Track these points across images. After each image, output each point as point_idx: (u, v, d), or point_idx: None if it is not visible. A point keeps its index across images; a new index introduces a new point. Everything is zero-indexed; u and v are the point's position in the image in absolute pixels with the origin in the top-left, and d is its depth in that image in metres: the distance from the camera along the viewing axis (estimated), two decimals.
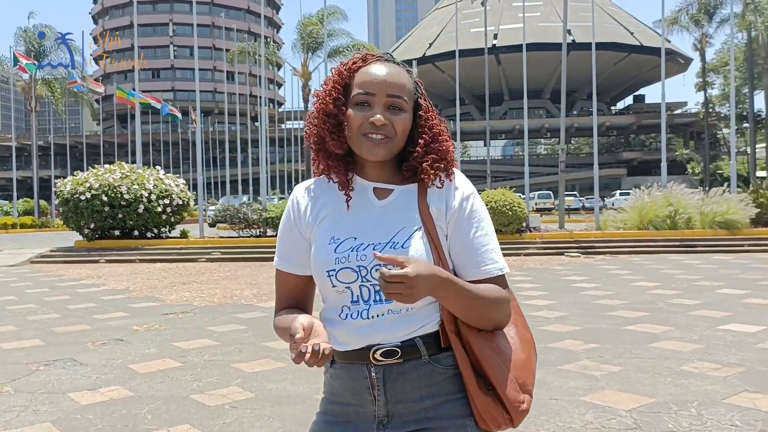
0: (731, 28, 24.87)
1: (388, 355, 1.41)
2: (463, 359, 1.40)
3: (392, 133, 1.41)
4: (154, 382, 4.94)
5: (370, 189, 1.48)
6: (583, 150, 78.44)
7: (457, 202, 1.46)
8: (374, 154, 1.41)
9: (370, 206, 1.46)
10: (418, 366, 1.41)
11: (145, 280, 11.80)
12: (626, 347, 5.71)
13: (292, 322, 1.35)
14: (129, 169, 17.99)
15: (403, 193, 1.46)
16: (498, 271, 1.45)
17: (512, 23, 60.56)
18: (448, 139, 1.50)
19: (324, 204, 1.50)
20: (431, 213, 1.44)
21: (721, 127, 57.77)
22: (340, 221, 1.46)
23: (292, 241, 1.52)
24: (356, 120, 1.41)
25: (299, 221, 1.51)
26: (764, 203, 18.11)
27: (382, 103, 1.41)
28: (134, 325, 7.37)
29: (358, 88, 1.42)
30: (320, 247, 1.45)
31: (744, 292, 8.94)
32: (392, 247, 1.39)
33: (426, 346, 1.41)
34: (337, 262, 1.41)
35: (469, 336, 1.40)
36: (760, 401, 4.13)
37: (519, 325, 1.51)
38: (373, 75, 1.43)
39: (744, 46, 40.05)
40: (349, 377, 1.45)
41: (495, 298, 1.41)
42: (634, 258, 14.57)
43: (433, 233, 1.42)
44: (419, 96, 1.49)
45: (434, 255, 1.40)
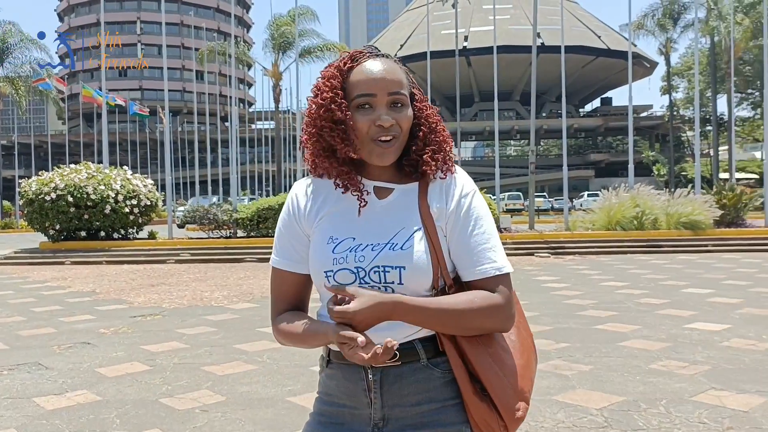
0: (695, 33, 25.38)
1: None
2: (457, 364, 1.37)
3: (399, 131, 1.38)
4: (123, 386, 4.86)
5: (370, 188, 1.44)
6: (552, 151, 79.34)
7: (455, 201, 1.42)
8: (386, 159, 1.38)
9: (371, 206, 1.42)
10: (416, 370, 1.38)
11: (112, 282, 11.60)
12: (596, 346, 5.78)
13: (328, 328, 1.32)
14: (95, 169, 17.68)
15: (404, 193, 1.43)
16: (495, 271, 1.39)
17: (482, 25, 61.03)
18: (445, 129, 1.47)
19: (324, 202, 1.46)
20: (432, 213, 1.40)
21: (685, 129, 58.93)
22: (340, 221, 1.42)
23: (292, 238, 1.48)
24: (363, 125, 1.36)
25: (299, 218, 1.47)
26: (727, 204, 18.52)
27: (384, 102, 1.37)
28: (101, 328, 7.23)
29: (357, 91, 1.37)
30: (319, 246, 1.42)
31: (708, 291, 9.12)
32: (391, 249, 1.36)
33: (425, 349, 1.38)
34: (335, 263, 1.38)
35: (462, 341, 1.37)
36: (727, 399, 4.21)
37: (521, 329, 1.47)
38: (370, 75, 1.38)
39: (707, 51, 40.94)
40: (345, 378, 1.42)
41: (479, 307, 1.34)
42: (602, 258, 14.78)
43: (432, 234, 1.38)
44: (412, 86, 1.45)
45: (433, 257, 1.37)
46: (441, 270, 1.38)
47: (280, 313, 1.49)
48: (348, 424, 1.43)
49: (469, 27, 63.33)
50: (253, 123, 68.84)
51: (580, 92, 74.38)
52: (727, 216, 18.47)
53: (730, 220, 18.59)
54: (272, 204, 17.92)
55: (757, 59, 40.35)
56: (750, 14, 34.12)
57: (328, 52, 36.79)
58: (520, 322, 1.47)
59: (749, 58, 43.51)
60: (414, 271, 1.35)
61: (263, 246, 16.46)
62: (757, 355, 5.37)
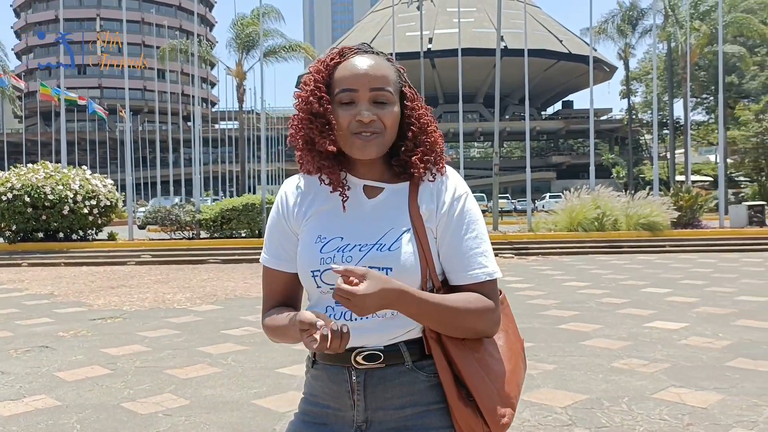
0: (653, 39, 25.96)
1: (371, 359, 1.36)
2: (443, 368, 1.35)
3: (381, 128, 1.35)
4: (83, 390, 4.75)
5: (360, 187, 1.42)
6: (514, 153, 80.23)
7: (447, 203, 1.39)
8: (366, 152, 1.35)
9: (360, 205, 1.41)
10: (400, 372, 1.36)
11: (70, 284, 11.34)
12: (560, 345, 5.87)
13: (294, 317, 1.30)
14: (53, 168, 17.27)
15: (394, 193, 1.41)
16: (486, 276, 1.37)
17: (447, 28, 61.43)
18: (437, 130, 1.44)
19: (313, 200, 1.45)
20: (422, 214, 1.38)
21: (643, 133, 60.21)
22: (328, 220, 1.41)
23: (282, 237, 1.46)
24: (344, 119, 1.35)
25: (288, 217, 1.46)
26: (684, 206, 19.01)
27: (366, 98, 1.35)
28: (60, 331, 7.07)
29: (340, 86, 1.36)
30: (306, 245, 1.40)
31: (667, 290, 9.33)
32: (378, 249, 1.34)
33: (410, 351, 1.36)
34: (322, 263, 1.36)
35: (449, 344, 1.35)
36: (686, 396, 4.31)
37: (510, 333, 1.46)
38: (353, 70, 1.36)
39: (665, 57, 41.89)
40: (329, 379, 1.41)
41: (475, 308, 1.34)
42: (564, 258, 15.00)
43: (422, 235, 1.36)
44: (403, 84, 1.42)
45: (422, 259, 1.35)
46: (429, 272, 1.37)
47: (269, 311, 1.48)
48: (331, 425, 1.42)
49: (434, 29, 63.67)
50: (217, 123, 68.04)
51: (542, 95, 75.44)
52: (684, 217, 18.95)
53: (686, 221, 19.08)
54: (236, 205, 17.74)
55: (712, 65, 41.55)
56: (705, 21, 35.04)
57: (293, 53, 36.60)
58: (509, 326, 1.46)
59: (704, 64, 44.73)
60: (401, 272, 1.33)
61: (227, 247, 16.28)
62: (714, 352, 5.51)
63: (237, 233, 17.85)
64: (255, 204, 17.75)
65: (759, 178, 33.79)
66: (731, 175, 39.50)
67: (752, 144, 32.41)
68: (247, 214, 17.56)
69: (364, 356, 1.36)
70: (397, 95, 1.40)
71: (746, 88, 45.60)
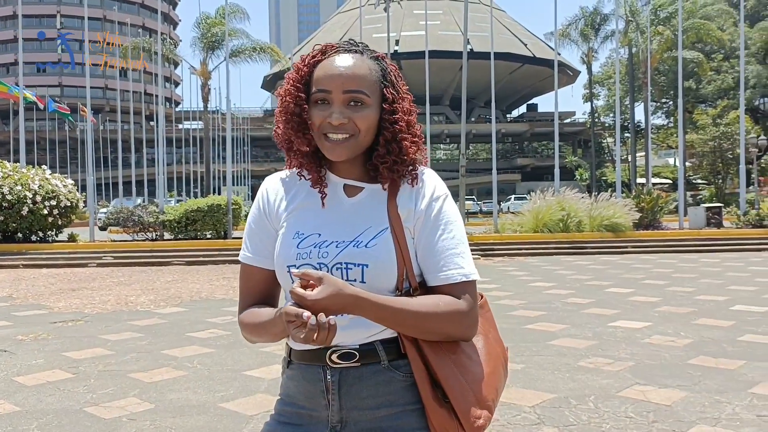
0: (615, 44, 26.46)
1: (346, 358, 1.34)
2: (418, 368, 1.33)
3: (355, 130, 1.33)
4: (43, 395, 4.63)
5: (340, 186, 1.42)
6: (480, 155, 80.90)
7: (425, 204, 1.39)
8: (336, 154, 1.35)
9: (339, 204, 1.40)
10: (376, 372, 1.34)
11: (30, 287, 11.06)
12: (527, 345, 5.92)
13: (276, 311, 1.30)
14: (12, 168, 16.82)
15: (373, 192, 1.41)
16: (462, 277, 1.35)
17: (413, 30, 61.67)
18: (413, 137, 1.41)
19: (293, 197, 1.44)
20: (400, 214, 1.37)
21: (605, 136, 61.31)
22: (307, 216, 1.40)
23: (261, 234, 1.45)
24: (317, 119, 1.34)
25: (269, 213, 1.45)
26: (645, 208, 19.39)
27: (339, 100, 1.33)
28: (19, 334, 6.88)
29: (315, 86, 1.35)
30: (284, 241, 1.39)
31: (629, 290, 9.50)
32: (355, 246, 1.34)
33: (386, 350, 1.34)
34: (298, 258, 1.35)
35: (424, 345, 1.33)
36: (650, 393, 4.39)
37: (490, 337, 1.43)
38: (329, 70, 1.34)
39: (626, 61, 42.71)
40: (304, 379, 1.39)
41: (444, 312, 1.31)
42: (530, 259, 15.17)
43: (400, 234, 1.35)
44: (386, 84, 1.39)
45: (399, 258, 1.34)
46: (407, 271, 1.35)
47: (246, 309, 1.45)
48: (306, 426, 1.40)
49: (400, 31, 63.85)
50: (181, 123, 67.11)
51: (508, 98, 76.21)
52: (645, 219, 19.34)
53: (647, 222, 19.48)
54: (201, 205, 17.52)
55: (671, 70, 42.52)
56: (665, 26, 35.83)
57: (262, 54, 36.32)
58: (489, 330, 1.44)
59: (664, 69, 45.71)
60: (377, 269, 1.32)
61: (192, 249, 16.06)
62: (676, 351, 5.63)
63: (202, 234, 17.62)
64: (220, 205, 17.56)
65: (716, 180, 34.68)
66: (689, 177, 40.47)
67: (710, 147, 33.23)
68: (212, 215, 17.36)
69: (339, 355, 1.35)
70: (377, 97, 1.38)
71: (703, 93, 46.78)
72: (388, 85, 1.40)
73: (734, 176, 33.52)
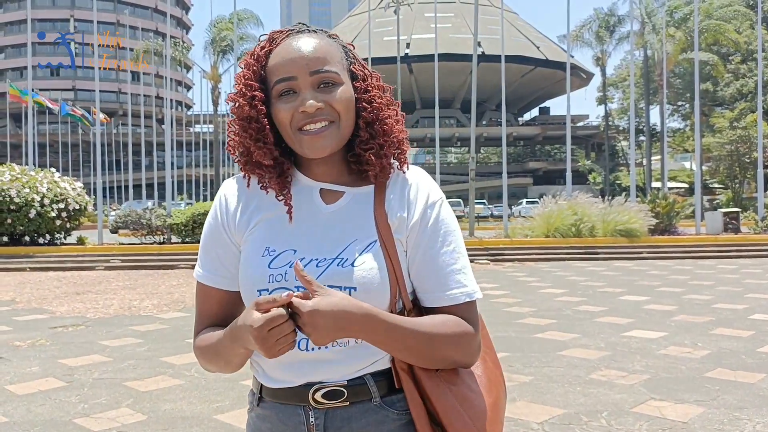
0: (630, 46, 26.14)
1: (332, 397, 1.14)
2: (416, 404, 1.14)
3: (334, 115, 1.14)
4: (34, 405, 4.47)
5: (316, 191, 1.20)
6: (491, 159, 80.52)
7: (419, 210, 1.18)
8: (319, 149, 1.14)
9: (316, 212, 1.19)
10: (367, 411, 1.15)
11: (34, 290, 10.97)
12: (536, 356, 5.70)
13: (232, 328, 1.11)
14: (20, 171, 16.80)
15: (356, 198, 1.20)
16: (465, 297, 1.17)
17: (424, 33, 61.48)
18: (396, 115, 1.22)
19: (259, 205, 1.22)
20: (390, 223, 1.17)
21: (620, 139, 60.76)
22: (278, 229, 1.19)
23: (219, 249, 1.23)
24: (285, 114, 1.14)
25: (227, 225, 1.23)
26: (661, 213, 19.07)
27: (308, 84, 1.14)
28: (17, 340, 6.75)
29: (275, 76, 1.15)
30: (252, 259, 1.17)
31: (644, 298, 9.24)
32: (339, 265, 1.13)
33: (378, 385, 1.15)
34: (272, 280, 1.14)
35: (423, 376, 1.14)
36: (666, 409, 4.16)
37: (488, 361, 1.25)
38: (287, 54, 1.15)
39: (641, 63, 42.29)
40: (280, 421, 1.18)
41: (453, 334, 1.13)
42: (540, 265, 14.90)
43: (390, 248, 1.15)
44: (352, 62, 1.21)
45: (391, 276, 1.14)
46: (400, 292, 1.16)
47: (202, 332, 1.25)
48: None
49: (411, 34, 63.72)
50: (192, 126, 67.33)
51: (520, 101, 75.85)
52: (661, 224, 19.01)
53: (663, 227, 19.15)
54: (208, 209, 17.41)
55: (687, 72, 42.04)
56: (681, 28, 35.42)
57: None
58: (486, 352, 1.25)
59: (680, 71, 45.22)
60: (367, 293, 1.12)
61: (198, 252, 15.97)
62: (694, 363, 5.39)
63: None
64: None
65: (733, 185, 34.20)
66: (706, 182, 39.99)
67: (727, 151, 32.78)
68: None
69: (323, 393, 1.14)
70: (346, 75, 1.18)
71: (721, 95, 46.21)
72: (354, 61, 1.21)
73: (752, 180, 33.00)
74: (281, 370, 1.16)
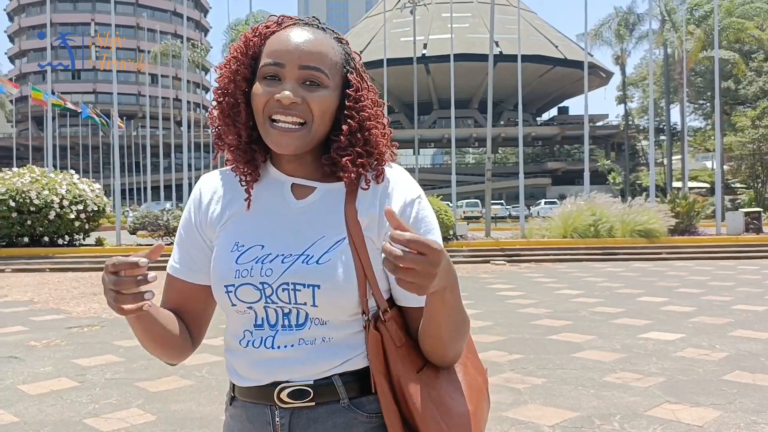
0: (650, 44, 25.84)
1: (297, 397, 1.12)
2: (389, 409, 1.10)
3: (308, 115, 1.11)
4: (45, 405, 4.49)
5: (287, 185, 1.18)
6: (509, 159, 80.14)
7: (397, 209, 1.14)
8: (283, 145, 1.11)
9: (286, 207, 1.17)
10: (334, 411, 1.12)
11: (52, 291, 11.07)
12: (550, 358, 5.62)
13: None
14: (40, 173, 16.99)
15: (328, 194, 1.17)
16: None
17: (441, 33, 61.33)
18: (383, 129, 1.19)
19: (231, 200, 1.20)
20: (360, 221, 1.13)
21: (640, 139, 60.15)
22: (248, 224, 1.17)
23: (191, 245, 1.22)
24: (261, 97, 1.11)
25: (200, 221, 1.22)
26: (681, 213, 18.81)
27: (294, 76, 1.11)
28: (32, 340, 6.80)
29: (266, 57, 1.13)
30: (221, 254, 1.16)
31: (663, 299, 9.10)
32: (305, 262, 1.10)
33: (346, 386, 1.12)
34: (238, 276, 1.12)
35: (402, 379, 1.10)
36: (681, 413, 4.07)
37: (469, 366, 1.20)
38: (284, 41, 1.12)
39: (661, 62, 41.82)
40: (249, 420, 1.17)
41: (464, 319, 1.12)
42: (557, 266, 14.77)
43: (359, 246, 1.12)
44: (350, 70, 1.18)
45: (359, 274, 1.10)
46: (371, 290, 1.12)
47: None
48: None
49: (428, 35, 63.60)
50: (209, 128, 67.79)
51: (538, 101, 75.39)
52: (681, 224, 18.75)
53: (683, 228, 18.88)
54: None
55: (708, 70, 41.49)
56: (701, 26, 34.98)
57: None
58: (468, 357, 1.21)
59: (701, 70, 44.65)
60: (331, 291, 1.09)
61: None
62: (711, 365, 5.28)
63: None
64: None
65: (755, 184, 33.71)
66: (728, 181, 39.43)
67: (749, 150, 32.33)
68: None
69: (289, 393, 1.12)
70: (338, 80, 1.16)
71: (743, 93, 45.54)
72: (353, 71, 1.18)
73: None
74: (249, 369, 1.15)
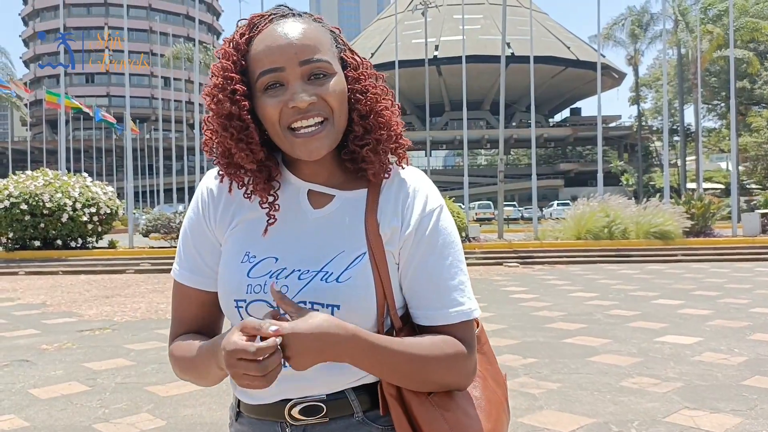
0: (663, 44, 25.62)
1: (310, 413, 1.06)
2: (403, 428, 1.04)
3: (327, 110, 1.02)
4: (55, 409, 4.46)
5: (303, 192, 1.10)
6: (522, 161, 79.84)
7: (415, 220, 1.07)
8: (314, 151, 1.03)
9: (302, 217, 1.09)
10: (348, 426, 1.06)
11: (65, 294, 11.10)
12: (565, 362, 5.53)
13: (214, 340, 1.02)
14: (53, 176, 17.07)
15: (347, 203, 1.09)
16: (462, 317, 1.06)
17: (453, 35, 61.20)
18: (392, 105, 1.10)
19: (242, 202, 1.12)
20: (381, 234, 1.06)
21: (653, 139, 59.72)
22: (260, 232, 1.09)
23: (199, 244, 1.14)
24: (273, 110, 1.02)
25: (209, 218, 1.13)
26: (696, 214, 18.59)
27: (297, 75, 1.02)
28: (44, 343, 6.79)
29: (259, 67, 1.03)
30: (230, 264, 1.08)
31: (679, 302, 8.96)
32: (324, 279, 1.03)
33: (360, 400, 1.06)
34: (249, 291, 1.05)
35: (412, 402, 1.04)
36: (700, 419, 3.97)
37: (488, 379, 1.14)
38: (273, 42, 1.02)
39: (675, 62, 41.50)
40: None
41: (446, 356, 1.03)
42: (571, 268, 14.63)
43: (380, 262, 1.05)
44: (342, 49, 1.09)
45: (379, 293, 1.04)
46: (388, 309, 1.05)
47: (178, 338, 1.15)
48: None
49: (440, 36, 63.52)
50: None
51: (550, 102, 75.06)
52: (696, 226, 18.54)
53: (698, 229, 18.67)
54: None
55: (723, 70, 41.11)
56: (716, 25, 34.67)
57: None
58: (487, 369, 1.14)
59: (715, 70, 44.27)
60: (351, 311, 1.02)
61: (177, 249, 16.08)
62: (730, 370, 5.17)
63: None
64: None
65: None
66: (743, 182, 39.01)
67: (764, 151, 31.99)
68: None
69: (301, 409, 1.05)
70: (338, 64, 1.07)
71: (758, 94, 45.07)
72: (345, 48, 1.10)
73: None
74: None
